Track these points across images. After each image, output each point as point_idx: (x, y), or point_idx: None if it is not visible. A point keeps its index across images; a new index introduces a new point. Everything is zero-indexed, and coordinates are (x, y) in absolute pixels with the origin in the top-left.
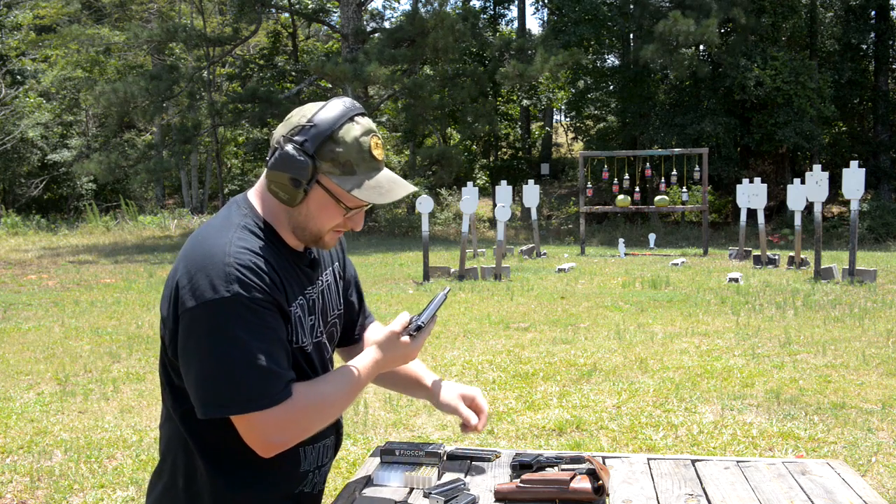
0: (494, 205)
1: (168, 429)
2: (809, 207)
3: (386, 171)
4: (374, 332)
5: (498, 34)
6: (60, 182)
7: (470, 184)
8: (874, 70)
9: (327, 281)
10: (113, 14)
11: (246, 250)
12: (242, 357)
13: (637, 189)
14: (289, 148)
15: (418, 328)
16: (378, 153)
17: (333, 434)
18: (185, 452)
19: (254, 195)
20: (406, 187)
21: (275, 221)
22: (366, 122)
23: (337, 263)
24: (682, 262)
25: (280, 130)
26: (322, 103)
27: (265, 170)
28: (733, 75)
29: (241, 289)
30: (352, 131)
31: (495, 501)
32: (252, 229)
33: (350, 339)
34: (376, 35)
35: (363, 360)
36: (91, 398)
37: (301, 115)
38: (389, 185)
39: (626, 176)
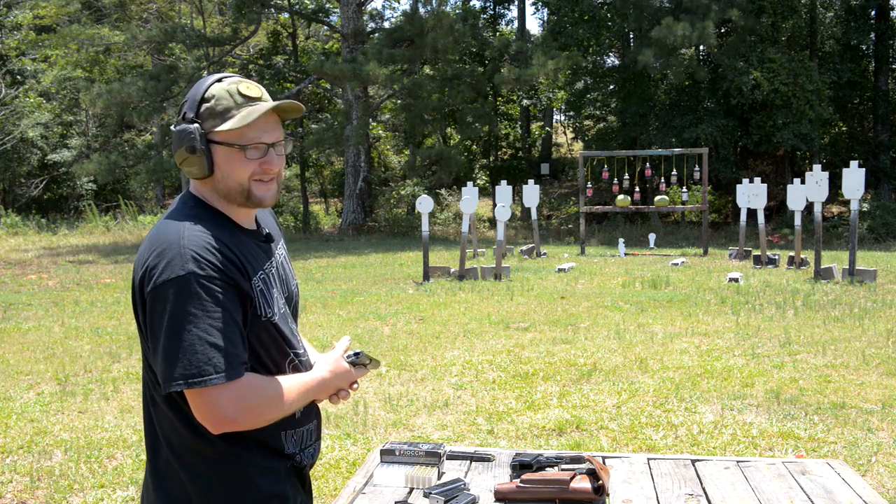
0: (494, 205)
1: (158, 424)
2: (809, 207)
3: (263, 103)
4: (316, 354)
5: (498, 34)
6: (60, 182)
7: (470, 184)
8: (874, 70)
9: (282, 254)
10: (113, 14)
11: (199, 233)
12: (197, 334)
13: (637, 189)
14: (175, 127)
15: (356, 354)
16: (247, 89)
17: (315, 419)
18: (177, 437)
19: (194, 190)
20: (267, 104)
21: (222, 206)
22: (234, 77)
23: (282, 239)
24: (682, 262)
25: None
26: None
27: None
28: (730, 78)
29: (195, 268)
30: (220, 86)
31: (495, 501)
32: (203, 216)
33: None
34: (376, 35)
35: (313, 375)
36: (91, 398)
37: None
38: (254, 109)
39: (626, 176)
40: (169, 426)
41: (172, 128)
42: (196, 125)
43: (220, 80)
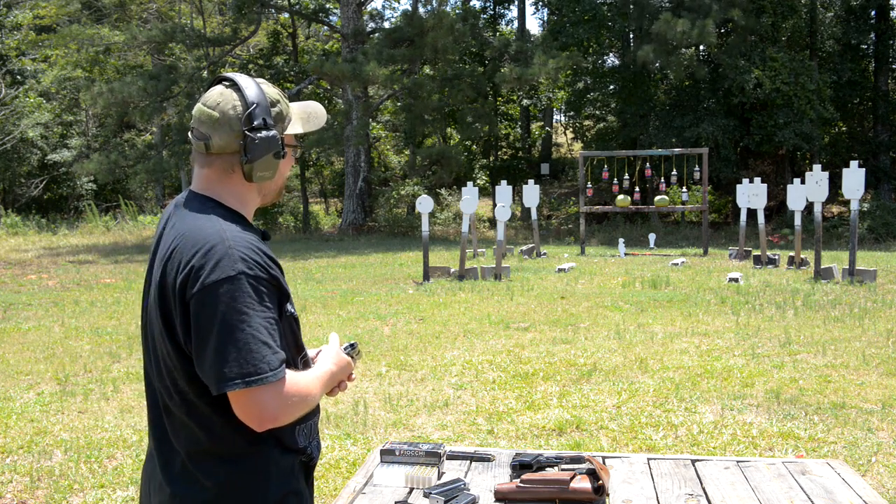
0: (494, 205)
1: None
2: (809, 207)
3: (313, 105)
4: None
5: (498, 34)
6: (60, 182)
7: (470, 184)
8: (874, 70)
9: None
10: (113, 14)
11: (240, 232)
12: (251, 333)
13: (637, 189)
14: (258, 134)
15: (351, 346)
16: (282, 93)
17: (318, 412)
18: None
19: (203, 190)
20: (312, 104)
21: (240, 207)
22: (258, 79)
23: None
24: (682, 262)
25: (216, 128)
26: (223, 89)
27: (244, 164)
28: (732, 77)
29: (245, 268)
30: (273, 90)
31: (495, 501)
32: (227, 217)
33: None
34: (376, 35)
35: (323, 369)
36: (91, 398)
37: (230, 105)
38: (310, 111)
39: (626, 176)
40: (185, 433)
41: (252, 134)
42: (275, 132)
43: (259, 84)
